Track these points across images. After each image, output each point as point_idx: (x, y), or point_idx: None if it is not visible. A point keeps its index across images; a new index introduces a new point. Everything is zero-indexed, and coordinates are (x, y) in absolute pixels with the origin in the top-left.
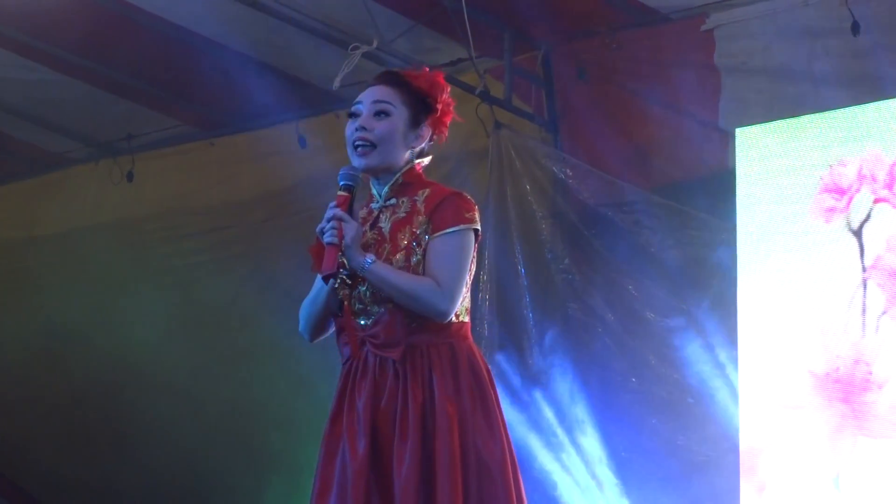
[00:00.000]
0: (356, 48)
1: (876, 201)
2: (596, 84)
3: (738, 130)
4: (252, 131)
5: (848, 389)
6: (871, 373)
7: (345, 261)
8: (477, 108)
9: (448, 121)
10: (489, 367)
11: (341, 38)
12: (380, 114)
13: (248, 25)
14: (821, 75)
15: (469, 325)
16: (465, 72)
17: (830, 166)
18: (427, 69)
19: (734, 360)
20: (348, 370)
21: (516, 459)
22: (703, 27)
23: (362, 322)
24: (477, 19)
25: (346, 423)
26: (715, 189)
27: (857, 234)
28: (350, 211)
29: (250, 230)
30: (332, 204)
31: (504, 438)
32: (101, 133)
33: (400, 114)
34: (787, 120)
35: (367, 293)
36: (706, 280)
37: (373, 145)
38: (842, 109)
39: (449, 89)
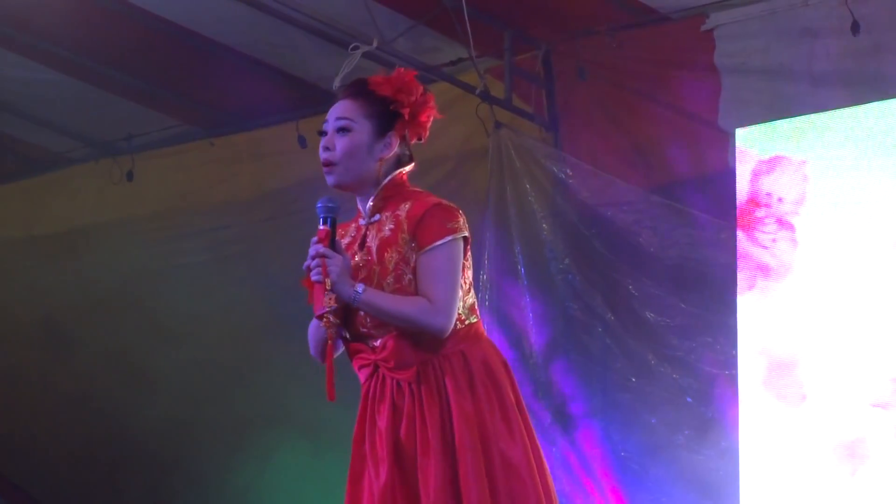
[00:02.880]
0: (356, 48)
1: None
2: (596, 84)
3: (737, 130)
4: (252, 131)
5: None
6: None
7: (328, 298)
8: (477, 107)
9: (425, 120)
10: (508, 364)
11: (341, 38)
12: (341, 130)
13: (248, 25)
14: (821, 75)
15: (479, 323)
16: (466, 71)
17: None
18: (400, 70)
19: (734, 360)
20: (366, 392)
21: (542, 455)
22: (703, 27)
23: (370, 342)
24: (477, 19)
25: (369, 445)
26: (715, 189)
27: None
28: (333, 243)
29: (250, 230)
30: (314, 240)
31: (523, 436)
32: (101, 132)
33: (361, 127)
34: (787, 120)
35: (369, 319)
36: (706, 279)
37: (335, 164)
38: (843, 109)
39: (422, 88)
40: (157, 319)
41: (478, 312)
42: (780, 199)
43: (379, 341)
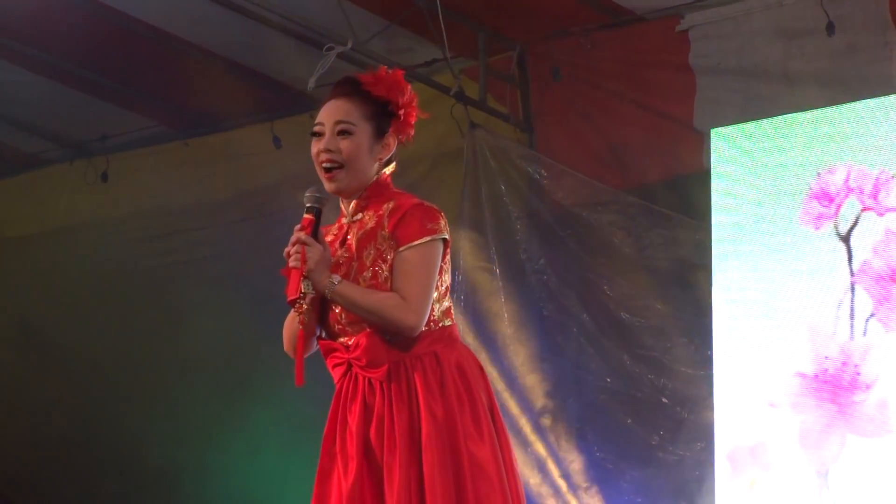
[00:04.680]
0: (331, 49)
1: (863, 210)
2: (571, 84)
3: (713, 131)
4: (226, 131)
5: (836, 390)
6: (858, 374)
7: (305, 285)
8: (452, 108)
9: (413, 120)
10: (483, 368)
11: (316, 39)
12: (343, 133)
13: (222, 26)
14: (796, 76)
15: (453, 327)
16: (440, 72)
17: (818, 173)
18: (384, 69)
19: (709, 360)
20: (339, 390)
21: (513, 459)
22: (678, 28)
23: (343, 340)
24: (451, 20)
25: (339, 444)
26: (690, 189)
27: (846, 239)
28: (315, 232)
29: (225, 230)
30: (297, 227)
31: (493, 438)
32: (75, 133)
33: (362, 129)
34: (763, 120)
35: (343, 315)
36: (681, 280)
37: (341, 165)
38: (818, 110)
39: (409, 87)
40: (131, 320)
41: (453, 317)
42: None
43: (353, 340)
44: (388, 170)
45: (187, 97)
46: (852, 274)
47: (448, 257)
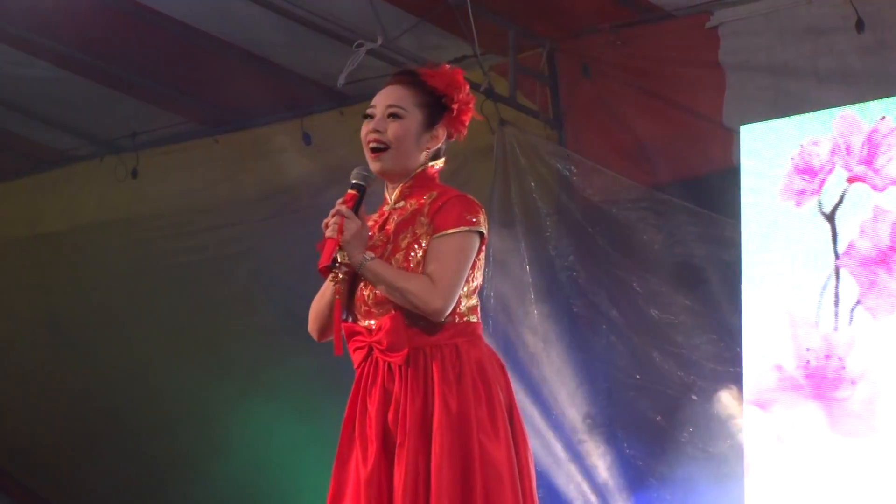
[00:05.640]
0: (360, 45)
1: (850, 180)
2: (600, 81)
3: (742, 128)
4: (257, 128)
5: (818, 385)
6: (843, 367)
7: (341, 256)
8: (482, 105)
9: (466, 119)
10: (504, 368)
11: (346, 35)
12: (393, 116)
13: (252, 22)
14: (825, 73)
15: (479, 325)
16: (470, 69)
17: (801, 145)
18: (446, 66)
19: (738, 357)
20: (360, 375)
21: (529, 461)
22: (708, 24)
23: (368, 323)
24: (481, 16)
25: (359, 428)
26: (719, 186)
27: (830, 218)
28: (357, 210)
29: (255, 227)
30: (340, 200)
31: (508, 436)
32: (105, 130)
33: (413, 116)
34: (792, 117)
35: (371, 296)
36: (710, 277)
37: (386, 147)
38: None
39: (468, 88)
40: (161, 317)
41: (479, 315)
42: None
43: (375, 323)
44: (437, 164)
45: (217, 94)
46: (837, 256)
47: (483, 255)
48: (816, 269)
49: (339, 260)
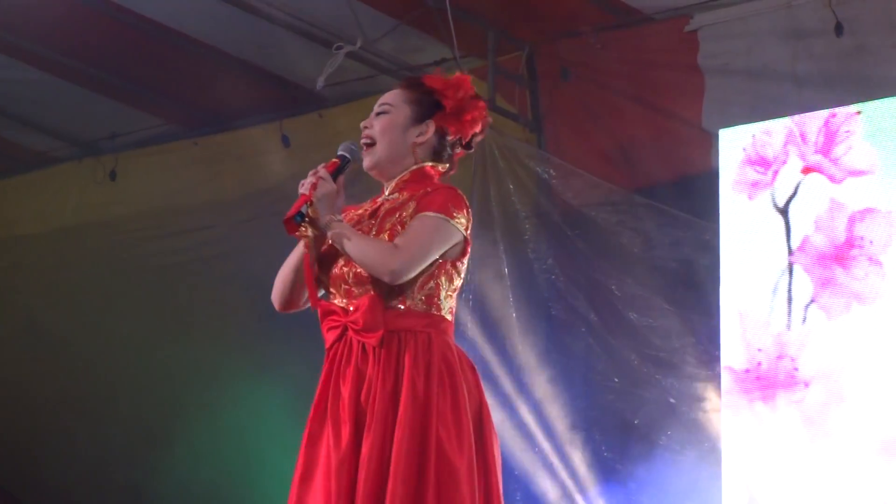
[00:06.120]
0: (340, 48)
1: (805, 171)
2: (579, 84)
3: (721, 131)
4: (236, 130)
5: (770, 387)
6: (796, 369)
7: (309, 210)
8: None
9: (468, 118)
10: (476, 370)
11: (325, 38)
12: (381, 113)
13: (232, 25)
14: (804, 76)
15: (451, 325)
16: (449, 72)
17: (753, 135)
18: (458, 74)
19: (717, 360)
20: (333, 355)
21: (496, 459)
22: (687, 28)
23: (345, 303)
24: (461, 19)
25: (331, 409)
26: (698, 190)
27: (783, 212)
28: (335, 178)
29: (234, 229)
30: (322, 165)
31: (469, 437)
32: (84, 132)
33: (400, 110)
34: (771, 121)
35: (350, 274)
36: (689, 280)
37: (374, 142)
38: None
39: (473, 91)
40: (139, 319)
41: (454, 317)
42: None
43: (353, 304)
44: (440, 167)
45: (196, 96)
46: (790, 252)
47: (466, 258)
48: (769, 265)
49: (304, 213)
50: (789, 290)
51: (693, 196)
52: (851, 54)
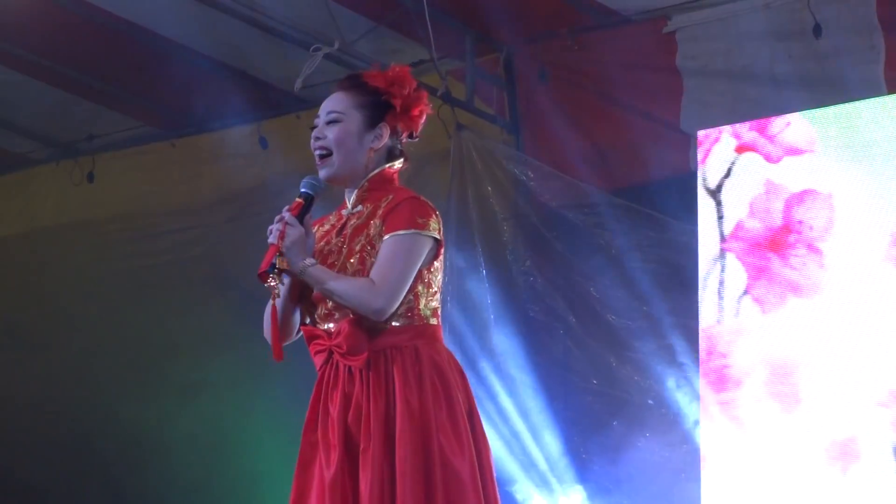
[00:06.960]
0: (318, 49)
1: (739, 149)
2: (558, 86)
3: (699, 133)
4: (213, 132)
5: (704, 385)
6: (727, 366)
7: (280, 262)
8: (439, 109)
9: (416, 113)
10: (464, 372)
11: (303, 40)
12: (332, 122)
13: (209, 26)
14: (783, 78)
15: (439, 328)
16: (427, 73)
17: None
18: (395, 66)
19: (694, 362)
20: (321, 378)
21: (490, 462)
22: (665, 29)
23: (328, 326)
24: (439, 21)
25: (321, 432)
26: (676, 191)
27: (715, 194)
28: (302, 217)
29: (212, 230)
30: (287, 207)
31: (468, 438)
32: (61, 133)
33: (352, 117)
34: (749, 122)
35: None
36: (667, 282)
37: (330, 152)
38: (804, 112)
39: (415, 84)
40: (117, 321)
41: (440, 318)
42: (810, 227)
43: (335, 326)
44: (396, 165)
45: (174, 97)
46: (723, 239)
47: (442, 257)
48: (699, 252)
49: (276, 265)
50: (721, 281)
51: (671, 198)
52: (830, 55)
